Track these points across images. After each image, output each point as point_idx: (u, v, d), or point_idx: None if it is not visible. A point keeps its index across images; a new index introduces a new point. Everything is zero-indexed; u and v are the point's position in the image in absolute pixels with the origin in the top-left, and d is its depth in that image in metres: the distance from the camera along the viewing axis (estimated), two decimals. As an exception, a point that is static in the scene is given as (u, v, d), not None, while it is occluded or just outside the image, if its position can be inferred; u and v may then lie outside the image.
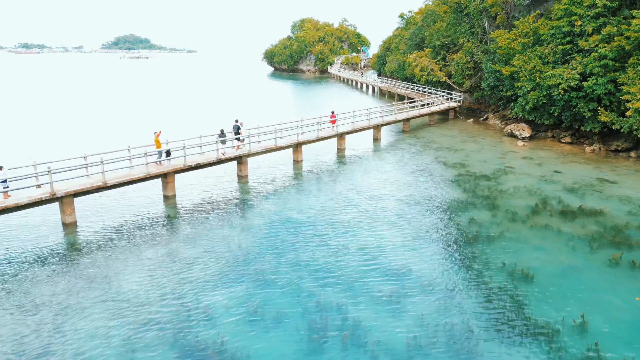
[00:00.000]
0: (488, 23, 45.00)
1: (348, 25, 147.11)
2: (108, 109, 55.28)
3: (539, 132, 36.32)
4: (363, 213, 20.11)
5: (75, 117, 48.59)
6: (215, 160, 23.66)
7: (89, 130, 41.10)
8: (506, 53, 37.31)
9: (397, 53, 70.20)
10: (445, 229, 18.35)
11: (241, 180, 25.29)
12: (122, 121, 46.06)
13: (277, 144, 27.18)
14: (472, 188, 23.41)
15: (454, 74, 47.72)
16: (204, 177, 25.46)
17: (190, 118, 47.34)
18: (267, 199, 22.09)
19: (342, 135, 32.25)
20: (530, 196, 22.16)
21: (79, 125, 43.81)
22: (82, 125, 43.81)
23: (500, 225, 18.67)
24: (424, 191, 23.08)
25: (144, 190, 22.91)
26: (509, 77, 37.50)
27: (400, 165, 28.30)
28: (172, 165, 22.07)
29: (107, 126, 43.04)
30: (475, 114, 47.11)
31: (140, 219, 19.69)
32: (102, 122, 45.28)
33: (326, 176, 25.98)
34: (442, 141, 35.21)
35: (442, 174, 26.17)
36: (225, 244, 17.10)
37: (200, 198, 22.30)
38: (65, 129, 41.84)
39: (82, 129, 41.73)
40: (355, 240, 17.32)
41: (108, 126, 43.04)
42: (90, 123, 44.89)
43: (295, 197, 22.27)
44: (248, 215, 20.08)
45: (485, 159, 29.28)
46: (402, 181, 24.88)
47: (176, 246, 17.00)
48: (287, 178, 25.79)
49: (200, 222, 19.24)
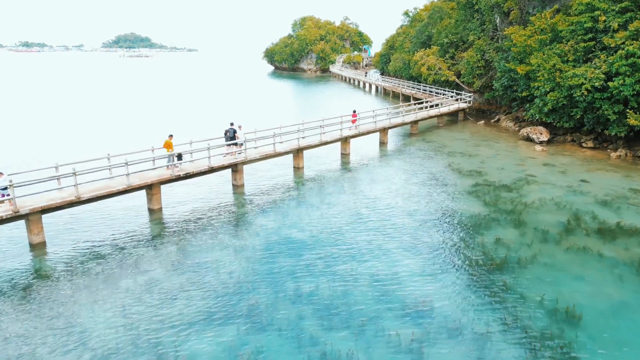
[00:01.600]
0: (500, 19, 42.53)
1: (350, 24, 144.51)
2: (101, 111, 52.91)
3: (557, 136, 33.88)
4: (372, 232, 17.71)
5: (66, 120, 46.21)
6: (207, 169, 21.28)
7: (78, 134, 38.73)
8: (521, 51, 34.86)
9: (402, 51, 67.75)
10: (469, 252, 15.95)
11: (236, 191, 22.90)
12: (115, 124, 43.68)
13: (276, 150, 24.80)
14: (493, 200, 21.00)
15: (463, 73, 45.27)
16: (196, 187, 23.08)
17: (186, 120, 44.94)
18: (264, 214, 19.70)
19: (347, 139, 29.84)
20: (559, 210, 19.75)
21: (68, 129, 41.43)
22: (72, 129, 41.42)
23: (531, 247, 16.27)
24: (439, 204, 20.67)
25: (126, 204, 20.53)
26: (525, 77, 35.07)
27: (411, 173, 25.89)
28: (158, 175, 19.69)
29: (99, 129, 40.67)
30: (486, 116, 44.69)
31: (119, 238, 17.31)
32: (93, 125, 42.90)
33: (330, 186, 23.59)
34: (453, 145, 32.79)
35: (457, 183, 23.76)
36: (215, 271, 14.72)
37: (189, 212, 19.92)
38: (54, 133, 39.48)
39: (71, 133, 39.35)
40: (365, 267, 14.93)
41: (100, 129, 40.67)
42: (81, 126, 42.50)
43: (295, 211, 19.87)
44: (242, 233, 17.68)
45: (503, 166, 26.86)
46: (414, 192, 22.47)
47: (158, 273, 14.61)
48: (287, 188, 23.40)
49: (188, 242, 16.85)
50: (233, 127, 24.25)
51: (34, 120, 45.34)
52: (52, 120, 45.33)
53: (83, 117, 47.30)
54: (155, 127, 40.86)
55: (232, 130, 24.05)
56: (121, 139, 34.75)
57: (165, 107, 55.14)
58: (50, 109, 53.60)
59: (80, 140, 35.26)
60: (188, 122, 42.76)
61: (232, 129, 24.08)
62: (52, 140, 35.45)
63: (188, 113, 50.06)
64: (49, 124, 43.08)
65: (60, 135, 37.26)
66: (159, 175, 19.68)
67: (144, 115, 48.32)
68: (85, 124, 42.98)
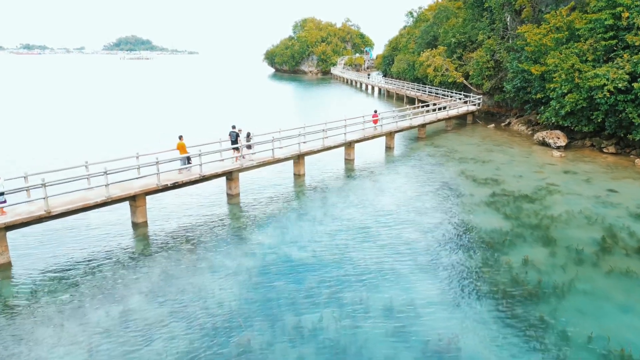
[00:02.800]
0: (511, 18, 40.55)
1: (351, 25, 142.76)
2: (97, 114, 50.98)
3: (575, 140, 31.82)
4: (383, 250, 15.65)
5: (60, 124, 44.26)
6: (199, 177, 19.23)
7: (71, 139, 36.77)
8: (536, 50, 32.85)
9: (406, 52, 65.80)
10: (495, 276, 13.88)
11: (231, 201, 20.86)
12: (110, 128, 41.71)
13: (275, 156, 22.77)
14: (514, 213, 18.93)
15: (471, 74, 43.27)
16: (186, 198, 21.05)
17: (184, 123, 42.94)
18: (261, 228, 17.64)
19: (351, 144, 27.82)
20: (591, 225, 17.69)
21: (62, 133, 39.47)
22: (66, 133, 39.46)
23: (566, 270, 14.20)
24: (456, 217, 18.60)
25: (108, 218, 18.50)
26: (539, 78, 33.06)
27: (422, 181, 23.83)
28: (142, 185, 17.65)
29: (93, 134, 38.71)
30: (495, 119, 42.67)
31: (95, 258, 15.27)
32: (88, 130, 40.93)
33: (333, 195, 21.54)
34: (464, 150, 30.74)
35: (473, 192, 21.71)
36: (202, 300, 12.66)
37: (177, 226, 17.87)
38: (48, 137, 37.52)
39: (64, 138, 37.39)
40: (377, 295, 12.87)
41: (94, 134, 38.70)
42: (75, 131, 40.55)
43: (296, 226, 17.82)
44: (236, 252, 15.63)
45: (521, 174, 24.80)
46: (426, 203, 20.42)
47: (136, 303, 12.56)
48: (287, 198, 21.35)
49: (174, 263, 14.81)
50: (235, 130, 22.32)
51: (27, 123, 43.39)
52: (45, 123, 43.37)
53: (77, 121, 45.35)
54: (152, 131, 38.94)
55: (234, 133, 22.12)
56: (116, 144, 32.78)
57: (162, 110, 53.20)
58: (44, 112, 51.68)
59: (73, 145, 33.27)
60: (186, 125, 40.75)
61: (234, 132, 22.15)
62: (45, 145, 33.47)
63: (186, 116, 48.09)
64: (42, 127, 41.12)
65: (53, 140, 35.29)
66: (143, 185, 17.64)
67: (141, 119, 46.37)
68: (79, 128, 41.02)
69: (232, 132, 22.32)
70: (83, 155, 25.38)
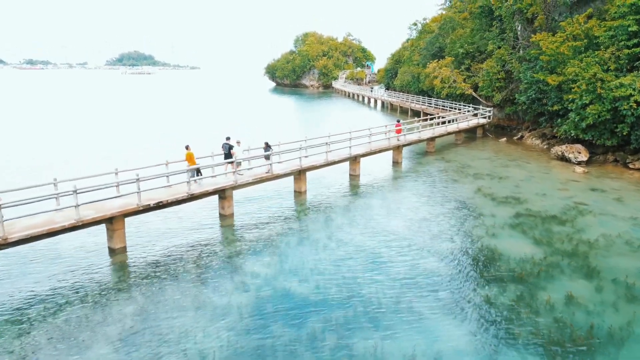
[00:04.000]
0: (522, 27, 38.77)
1: (353, 40, 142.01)
2: (87, 129, 49.11)
3: (596, 155, 29.62)
4: (398, 283, 13.35)
5: (52, 138, 42.31)
6: (186, 196, 17.02)
7: (63, 153, 34.74)
8: (552, 59, 30.92)
9: (410, 65, 64.12)
10: (536, 319, 11.54)
11: (224, 222, 18.61)
12: (99, 143, 39.72)
13: (274, 172, 20.59)
14: (545, 238, 16.65)
15: (481, 85, 41.33)
16: (173, 219, 18.81)
17: (180, 137, 40.94)
18: (256, 255, 15.36)
19: (357, 158, 25.67)
20: (635, 252, 15.39)
21: (48, 148, 37.47)
22: (51, 148, 37.46)
23: (618, 308, 11.88)
24: (478, 242, 16.32)
25: (82, 241, 16.25)
26: (556, 89, 31.07)
27: (435, 200, 21.59)
28: (121, 205, 15.43)
29: (87, 148, 36.70)
30: (506, 132, 40.58)
31: (59, 293, 12.98)
32: (81, 143, 38.95)
33: (338, 216, 19.29)
34: (477, 165, 28.57)
35: (494, 213, 19.45)
36: (180, 349, 10.34)
37: (160, 253, 15.60)
38: (29, 152, 35.49)
39: (49, 152, 35.36)
40: (394, 342, 10.54)
41: (80, 149, 36.70)
42: (69, 144, 38.56)
43: (296, 252, 15.54)
44: (226, 285, 13.33)
45: (544, 191, 22.57)
46: (443, 225, 18.15)
47: (101, 353, 10.24)
48: (286, 219, 19.10)
49: (153, 300, 12.51)
50: (229, 142, 20.27)
51: (15, 138, 41.43)
52: (35, 138, 41.40)
53: (68, 135, 43.39)
54: (148, 144, 36.93)
55: (227, 145, 20.07)
56: (107, 159, 30.70)
57: (160, 124, 51.32)
58: (35, 126, 49.81)
59: (62, 161, 31.18)
60: (184, 138, 38.76)
61: (228, 145, 20.10)
62: (28, 161, 31.38)
63: (185, 129, 46.12)
64: (31, 142, 39.13)
65: (40, 156, 33.23)
66: (122, 205, 15.42)
67: (137, 133, 44.41)
68: (69, 142, 39.02)
69: (225, 144, 20.25)
70: (71, 171, 23.28)
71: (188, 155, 18.73)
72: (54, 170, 25.41)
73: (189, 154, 18.72)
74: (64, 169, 26.15)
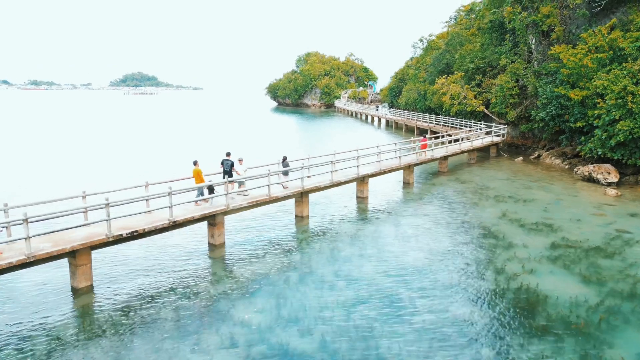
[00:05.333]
0: (536, 40, 36.75)
1: (355, 59, 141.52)
2: (86, 149, 46.96)
3: (626, 176, 27.05)
4: (424, 336, 10.63)
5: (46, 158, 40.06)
6: (167, 224, 14.44)
7: (41, 176, 32.39)
8: (574, 72, 28.67)
9: (416, 82, 62.23)
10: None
11: (213, 253, 15.97)
12: (97, 163, 37.44)
13: (272, 194, 18.05)
14: (594, 275, 13.95)
15: (493, 102, 39.09)
16: (154, 249, 16.19)
17: (177, 156, 38.63)
18: (248, 298, 12.68)
19: (365, 178, 23.16)
20: None
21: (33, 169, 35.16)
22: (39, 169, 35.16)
23: None
24: (516, 281, 13.61)
25: (42, 278, 13.61)
26: (579, 104, 28.74)
27: (455, 227, 18.94)
28: (87, 236, 12.84)
29: (80, 169, 34.37)
30: (521, 151, 38.18)
31: (5, 343, 10.28)
32: (75, 164, 36.64)
33: (346, 245, 16.65)
34: (497, 187, 25.99)
35: (526, 242, 16.77)
36: None
37: (133, 293, 12.93)
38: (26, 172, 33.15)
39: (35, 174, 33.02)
40: None
41: (80, 169, 34.36)
42: (52, 167, 36.26)
43: (296, 294, 12.86)
44: (209, 339, 10.63)
45: (577, 217, 19.93)
46: (468, 257, 15.48)
47: None
48: (285, 249, 16.45)
49: (116, 356, 9.81)
50: (229, 158, 17.86)
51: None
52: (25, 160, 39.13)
53: (60, 156, 41.15)
54: (137, 165, 34.59)
55: (229, 162, 17.67)
56: (97, 180, 28.29)
57: (159, 144, 49.14)
58: (26, 146, 47.67)
59: (45, 183, 28.78)
60: (182, 157, 36.48)
61: (229, 161, 17.69)
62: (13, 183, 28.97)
63: (184, 148, 43.86)
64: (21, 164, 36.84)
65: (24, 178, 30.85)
66: (88, 236, 12.84)
67: (132, 152, 42.14)
68: (60, 163, 36.73)
69: (225, 160, 17.82)
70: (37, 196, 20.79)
71: (195, 172, 16.80)
72: (20, 197, 22.96)
73: (196, 170, 16.76)
74: (31, 194, 23.71)
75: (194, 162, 17.18)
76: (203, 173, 17.05)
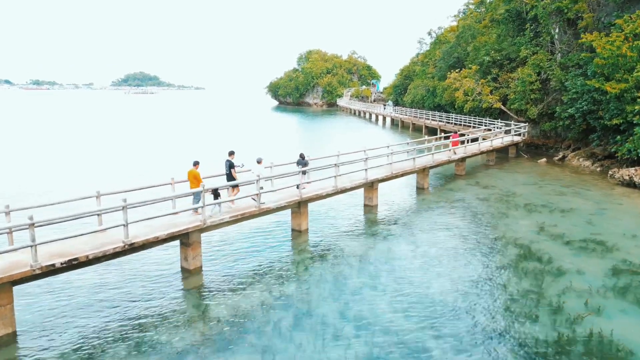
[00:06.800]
0: (560, 29, 33.33)
1: (358, 57, 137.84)
2: (80, 150, 43.81)
3: (670, 180, 23.63)
4: None
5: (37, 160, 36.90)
6: (122, 248, 11.10)
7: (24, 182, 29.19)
8: (611, 63, 25.25)
9: (424, 78, 58.80)
10: None
11: (186, 281, 12.63)
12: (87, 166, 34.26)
13: (261, 207, 14.71)
14: (684, 316, 10.57)
15: (511, 97, 35.68)
16: (108, 275, 12.87)
17: (173, 158, 35.37)
18: (229, 346, 9.34)
19: (374, 184, 19.82)
20: None
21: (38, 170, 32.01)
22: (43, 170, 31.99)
23: None
24: (580, 326, 10.24)
25: None
26: (615, 99, 25.35)
27: (486, 245, 15.56)
28: (5, 268, 9.54)
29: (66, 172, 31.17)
30: (542, 152, 34.81)
31: None
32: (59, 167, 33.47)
33: (353, 270, 13.30)
34: (524, 193, 22.62)
35: (580, 268, 13.39)
36: None
37: (67, 343, 9.61)
38: None
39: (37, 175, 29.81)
40: None
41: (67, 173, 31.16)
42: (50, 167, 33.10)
43: (289, 346, 9.51)
44: None
45: (632, 232, 16.53)
46: (511, 291, 12.10)
47: None
48: (278, 275, 13.10)
49: None
50: (231, 158, 14.62)
51: None
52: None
53: (55, 156, 37.97)
54: (124, 167, 31.39)
55: (228, 163, 14.41)
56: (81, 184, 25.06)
57: (155, 144, 45.95)
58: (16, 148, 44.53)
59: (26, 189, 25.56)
60: (177, 160, 33.23)
61: (228, 161, 14.42)
62: None
63: (180, 149, 40.63)
64: None
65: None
66: (6, 267, 9.52)
67: (131, 152, 38.93)
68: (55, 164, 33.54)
69: (226, 160, 14.60)
70: None
71: (191, 175, 13.98)
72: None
73: (192, 172, 14.00)
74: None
75: (195, 162, 14.22)
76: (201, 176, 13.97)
